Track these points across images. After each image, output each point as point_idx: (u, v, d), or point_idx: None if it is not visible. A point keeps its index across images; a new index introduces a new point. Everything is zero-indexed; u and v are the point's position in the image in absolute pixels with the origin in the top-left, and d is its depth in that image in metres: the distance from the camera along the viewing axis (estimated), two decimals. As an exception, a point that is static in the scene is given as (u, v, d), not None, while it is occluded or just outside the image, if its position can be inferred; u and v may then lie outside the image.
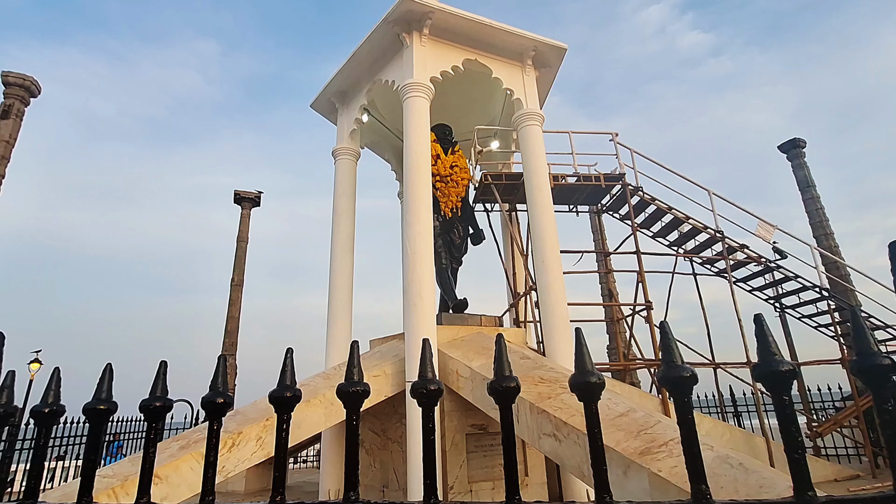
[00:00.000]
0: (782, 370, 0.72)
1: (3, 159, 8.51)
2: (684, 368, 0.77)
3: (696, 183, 8.82)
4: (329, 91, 8.20)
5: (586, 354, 0.84)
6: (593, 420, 0.82)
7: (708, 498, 0.72)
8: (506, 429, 0.85)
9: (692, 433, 0.75)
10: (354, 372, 0.94)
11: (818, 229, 14.01)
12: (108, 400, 1.06)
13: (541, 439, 3.92)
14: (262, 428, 4.37)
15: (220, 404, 0.99)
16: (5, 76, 8.56)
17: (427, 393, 0.90)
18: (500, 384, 0.86)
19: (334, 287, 7.34)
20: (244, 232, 16.59)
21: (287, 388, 0.97)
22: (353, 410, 0.92)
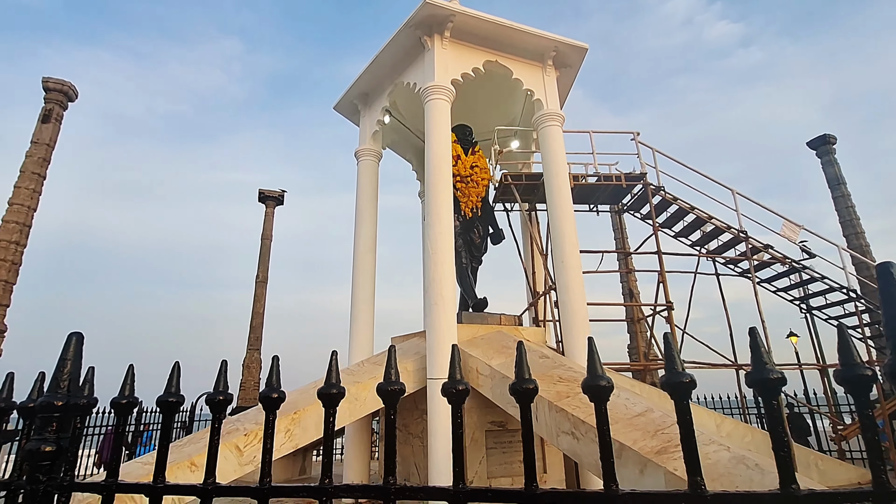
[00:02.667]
0: (772, 378, 0.82)
1: (44, 161, 8.97)
2: (684, 375, 0.88)
3: (720, 182, 8.72)
4: (352, 94, 8.38)
5: (597, 360, 0.96)
6: (603, 419, 0.93)
7: (702, 488, 0.82)
8: (525, 426, 0.96)
9: (690, 431, 0.85)
10: (392, 373, 1.07)
11: (848, 228, 13.63)
12: (178, 393, 1.22)
13: (559, 437, 4.01)
14: (290, 421, 4.57)
15: (275, 399, 1.13)
16: (45, 82, 9.01)
17: (456, 392, 1.02)
18: (520, 385, 0.98)
19: (357, 285, 7.53)
20: (268, 230, 17.01)
21: (333, 386, 1.10)
22: (391, 406, 1.05)
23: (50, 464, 1.22)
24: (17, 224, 8.87)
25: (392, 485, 0.99)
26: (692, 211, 8.65)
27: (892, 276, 0.85)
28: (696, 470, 0.84)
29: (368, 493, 1.03)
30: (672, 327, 7.57)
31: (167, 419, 1.21)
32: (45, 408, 1.25)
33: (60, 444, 1.23)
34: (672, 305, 7.65)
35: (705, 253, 9.00)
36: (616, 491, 0.87)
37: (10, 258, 8.63)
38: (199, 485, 1.12)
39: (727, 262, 9.04)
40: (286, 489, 1.08)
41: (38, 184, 9.03)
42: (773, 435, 0.81)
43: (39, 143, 9.10)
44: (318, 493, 1.01)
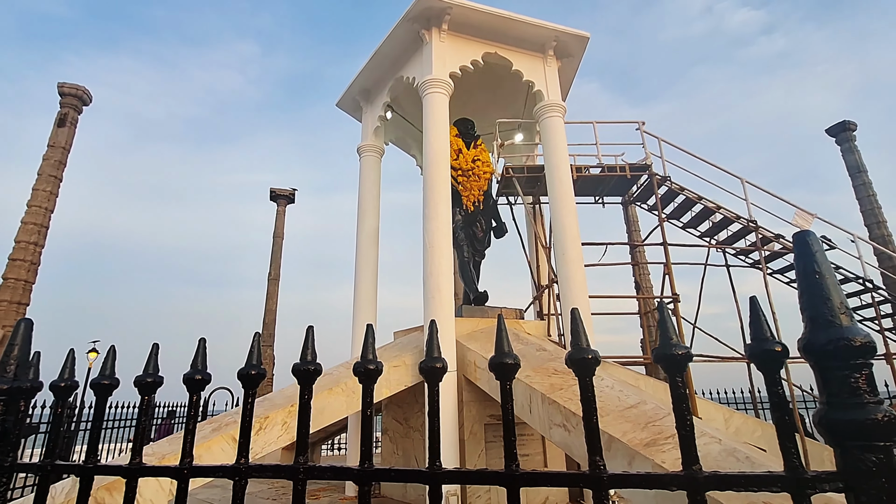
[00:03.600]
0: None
1: (60, 164, 9.23)
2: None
3: (728, 171, 8.51)
4: (353, 90, 8.40)
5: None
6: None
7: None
8: (431, 404, 0.94)
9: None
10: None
11: (870, 217, 13.18)
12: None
13: (551, 429, 3.97)
14: (286, 413, 4.62)
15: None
16: (60, 87, 9.25)
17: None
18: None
19: (359, 280, 7.58)
20: (280, 228, 17.22)
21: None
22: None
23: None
24: (35, 225, 9.14)
25: (302, 464, 0.98)
26: (700, 201, 8.46)
27: (809, 247, 0.80)
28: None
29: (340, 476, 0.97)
30: (678, 320, 7.43)
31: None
32: (-9, 391, 1.27)
33: (5, 425, 1.26)
34: (678, 297, 7.50)
35: (714, 244, 8.80)
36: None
37: (29, 258, 8.90)
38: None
39: (737, 253, 8.83)
40: (322, 470, 0.99)
41: (54, 186, 9.29)
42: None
43: (55, 147, 9.37)
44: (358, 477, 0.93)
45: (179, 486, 1.06)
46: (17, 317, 8.51)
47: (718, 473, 0.77)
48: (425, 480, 0.89)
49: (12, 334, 1.38)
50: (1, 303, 8.43)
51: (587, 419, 0.82)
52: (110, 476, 1.38)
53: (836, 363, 0.72)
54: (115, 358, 1.26)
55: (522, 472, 0.83)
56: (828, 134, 14.66)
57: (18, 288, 8.53)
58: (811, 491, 0.70)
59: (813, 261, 0.77)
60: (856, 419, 0.69)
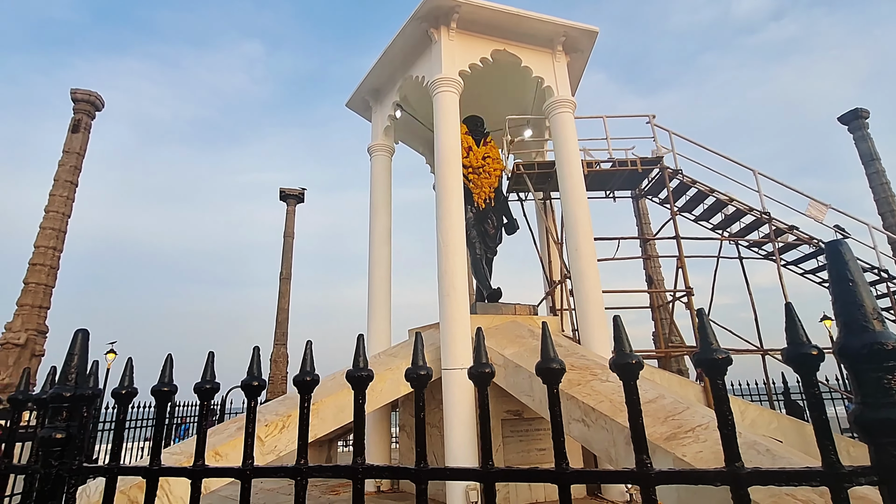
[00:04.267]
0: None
1: (75, 169, 9.41)
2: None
3: (740, 162, 8.46)
4: (363, 90, 8.46)
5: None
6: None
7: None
8: (482, 407, 1.00)
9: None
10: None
11: (883, 206, 13.02)
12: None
13: (570, 424, 4.03)
14: (311, 411, 4.72)
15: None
16: (73, 93, 9.42)
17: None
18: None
19: (373, 278, 7.66)
20: (290, 227, 17.37)
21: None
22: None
23: (61, 450, 1.33)
24: (53, 230, 9.35)
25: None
26: (712, 193, 8.43)
27: (842, 256, 0.85)
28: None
29: (398, 475, 1.06)
30: (692, 313, 7.43)
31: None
32: (55, 399, 1.36)
33: (70, 431, 1.34)
34: (692, 291, 7.50)
35: (727, 236, 8.76)
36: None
37: (48, 263, 9.11)
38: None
39: (750, 245, 8.79)
40: (321, 469, 1.12)
41: (70, 191, 9.48)
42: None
43: (70, 153, 9.55)
44: (352, 473, 1.05)
45: (243, 487, 1.14)
46: (38, 320, 8.73)
47: (760, 469, 0.82)
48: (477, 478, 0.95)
49: (71, 344, 1.47)
50: (23, 307, 8.62)
51: (633, 420, 0.87)
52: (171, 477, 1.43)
53: (869, 366, 0.77)
54: (173, 365, 1.34)
55: (573, 470, 0.89)
56: (840, 122, 14.48)
57: (39, 292, 8.73)
58: (847, 484, 0.75)
59: (846, 269, 0.81)
60: (889, 418, 0.74)
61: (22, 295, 8.63)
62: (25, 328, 8.33)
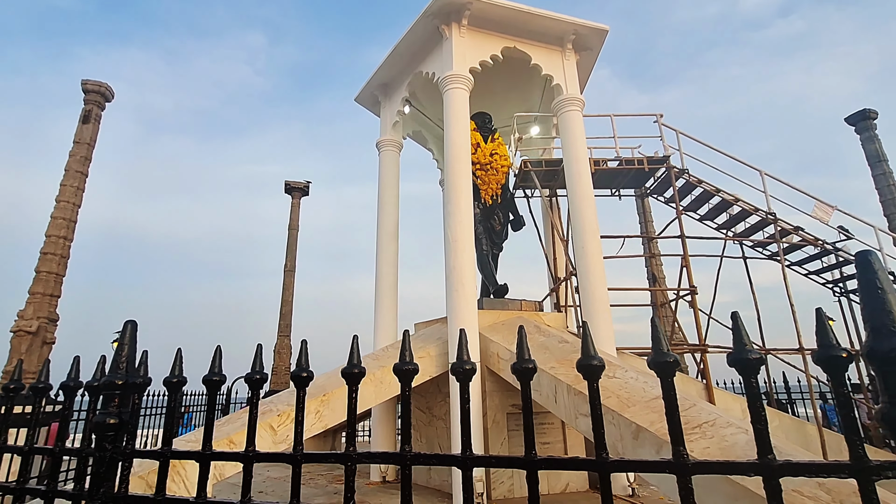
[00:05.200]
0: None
1: (85, 160, 9.45)
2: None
3: (747, 163, 8.50)
4: (372, 85, 8.48)
5: (590, 342, 1.06)
6: (595, 395, 1.01)
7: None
8: (525, 400, 1.07)
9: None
10: (406, 355, 1.19)
11: (890, 207, 13.03)
12: (220, 373, 1.39)
13: (577, 419, 4.11)
14: (319, 402, 4.81)
15: (304, 378, 1.28)
16: (84, 84, 9.45)
17: (463, 371, 1.14)
18: (520, 365, 1.09)
19: (380, 273, 7.73)
20: (294, 220, 17.41)
21: (354, 366, 1.23)
22: (407, 386, 1.17)
23: (114, 434, 1.40)
24: (63, 220, 9.41)
25: (408, 452, 1.12)
26: (718, 193, 8.47)
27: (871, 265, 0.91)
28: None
29: (388, 460, 1.17)
30: (696, 312, 7.51)
31: (212, 395, 1.38)
32: (108, 386, 1.43)
33: (122, 417, 1.41)
34: (696, 290, 7.57)
35: (732, 236, 8.82)
36: (606, 458, 0.97)
37: (59, 252, 9.19)
38: (241, 452, 1.28)
39: (755, 245, 8.85)
40: (316, 455, 1.23)
41: (81, 181, 9.54)
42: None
43: (81, 143, 9.60)
44: (345, 459, 1.16)
45: (245, 469, 1.23)
46: (49, 308, 8.81)
47: (791, 461, 0.89)
48: (522, 465, 1.02)
49: (121, 335, 1.54)
50: (35, 295, 8.70)
51: (670, 414, 0.94)
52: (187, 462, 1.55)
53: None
54: (222, 357, 1.41)
55: (612, 460, 0.95)
56: (847, 122, 14.45)
57: (50, 280, 8.81)
58: (876, 477, 0.82)
59: (875, 277, 0.88)
60: (913, 416, 0.81)
61: (34, 283, 8.71)
62: (37, 316, 8.42)
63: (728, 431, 3.21)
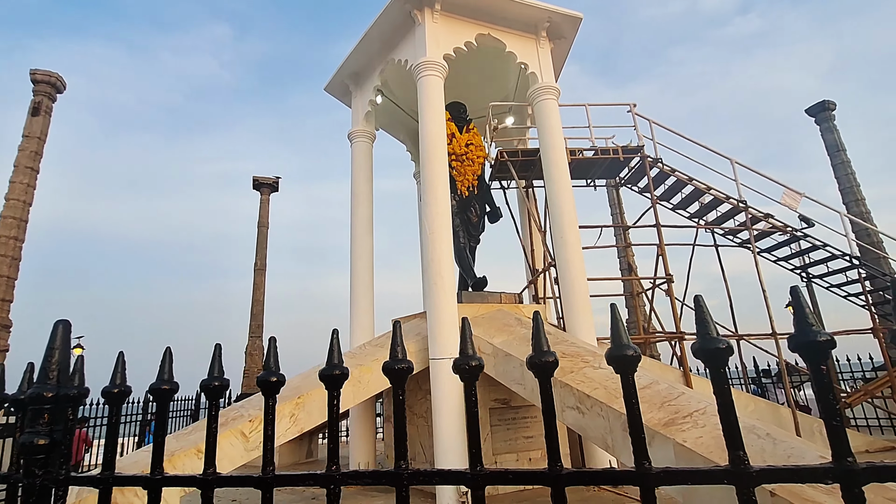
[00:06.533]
0: (820, 340, 0.73)
1: (36, 155, 8.79)
2: (719, 341, 0.80)
3: (718, 152, 8.60)
4: (342, 73, 8.18)
5: (622, 328, 0.87)
6: (630, 390, 0.84)
7: (746, 464, 0.75)
8: (546, 400, 0.89)
9: (728, 402, 0.78)
10: (399, 350, 1.01)
11: (848, 195, 13.55)
12: (171, 381, 1.17)
13: (564, 412, 4.01)
14: (294, 405, 4.56)
15: (273, 383, 1.07)
16: (33, 74, 8.76)
17: (469, 368, 0.96)
18: (539, 359, 0.90)
19: (355, 268, 7.47)
20: (264, 217, 16.86)
21: (335, 367, 1.04)
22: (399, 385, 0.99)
23: (44, 457, 1.16)
24: (14, 219, 8.75)
25: (404, 470, 0.94)
26: (690, 182, 8.56)
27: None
28: (737, 445, 0.78)
29: (379, 480, 0.98)
30: (672, 300, 7.56)
31: (162, 407, 1.17)
32: (35, 399, 1.19)
33: (54, 436, 1.18)
34: (672, 278, 7.62)
35: (704, 224, 8.94)
36: (649, 468, 0.80)
37: (10, 254, 8.53)
38: (199, 475, 1.07)
39: (726, 233, 9.00)
40: (291, 478, 1.02)
41: (31, 178, 8.87)
42: (822, 404, 0.73)
43: (30, 137, 8.92)
44: (326, 481, 0.96)
45: (264, 496, 1.01)
46: (1, 314, 8.17)
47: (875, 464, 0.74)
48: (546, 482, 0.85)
49: (51, 337, 1.29)
50: (-19, 300, 8.07)
51: (722, 408, 0.79)
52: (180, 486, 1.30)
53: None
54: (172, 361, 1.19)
55: (658, 470, 0.80)
56: (807, 114, 14.95)
57: (1, 284, 8.18)
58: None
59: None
60: None
61: (-20, 288, 8.05)
62: (-15, 322, 7.79)
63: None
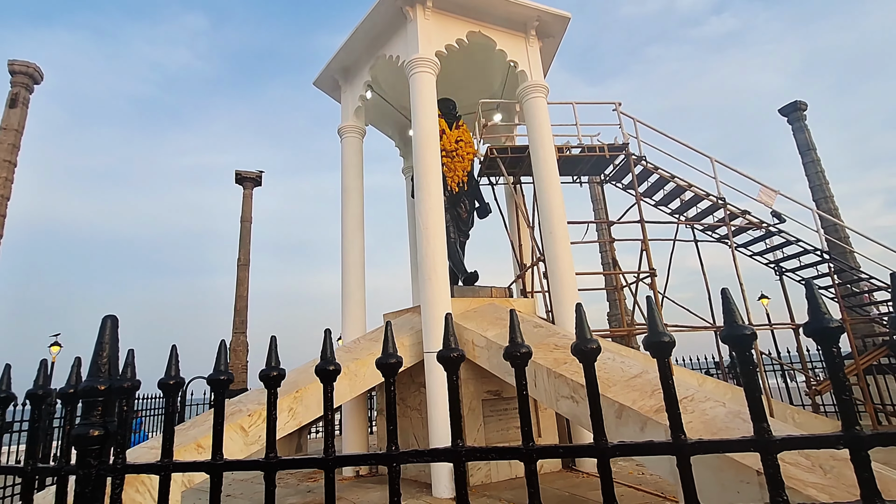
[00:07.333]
0: (831, 326, 0.86)
1: (14, 147, 8.48)
2: (745, 328, 0.91)
3: (699, 150, 8.89)
4: (332, 68, 8.14)
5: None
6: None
7: (770, 434, 0.87)
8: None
9: (754, 382, 0.89)
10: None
11: (818, 192, 14.14)
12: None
13: (558, 401, 4.16)
14: (292, 399, 4.60)
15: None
16: (11, 65, 8.43)
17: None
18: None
19: (347, 264, 7.49)
20: (247, 212, 16.64)
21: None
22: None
23: (99, 447, 1.22)
24: (-12, 214, 8.44)
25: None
26: (672, 180, 8.82)
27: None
28: (761, 416, 0.90)
29: (368, 461, 1.09)
30: (655, 293, 7.82)
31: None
32: (88, 392, 1.24)
33: (108, 427, 1.23)
34: (655, 272, 7.87)
35: (685, 220, 9.23)
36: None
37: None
38: (208, 461, 1.16)
39: (705, 229, 9.31)
40: (291, 461, 1.12)
41: (9, 171, 8.54)
42: (834, 381, 0.85)
43: (8, 129, 8.57)
44: (322, 464, 1.06)
45: (268, 478, 1.11)
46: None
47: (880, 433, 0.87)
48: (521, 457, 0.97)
49: (99, 333, 1.34)
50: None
51: (748, 386, 0.90)
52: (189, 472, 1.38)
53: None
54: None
55: (692, 441, 0.91)
56: (780, 114, 15.50)
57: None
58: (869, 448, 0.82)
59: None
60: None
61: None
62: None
63: (707, 405, 3.34)
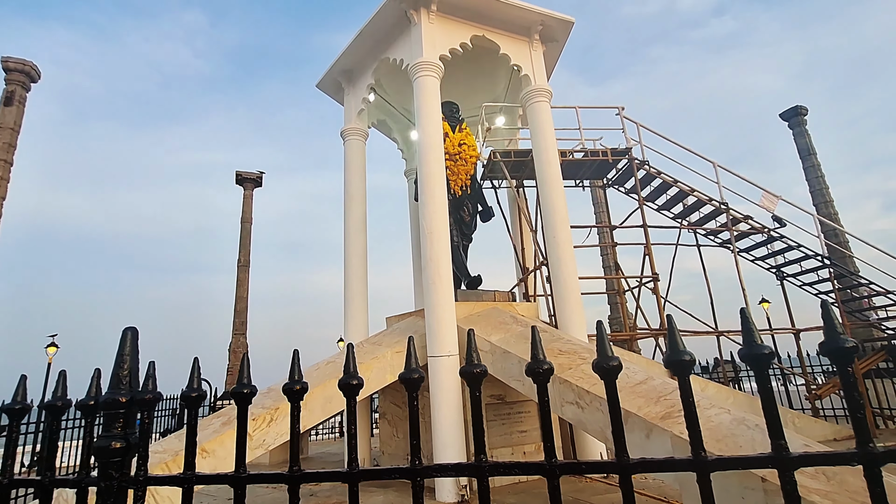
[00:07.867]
0: (847, 346, 0.86)
1: (10, 147, 8.48)
2: (763, 347, 0.93)
3: (701, 155, 8.90)
4: (335, 71, 8.16)
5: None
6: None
7: (787, 451, 0.88)
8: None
9: (771, 399, 0.91)
10: (476, 356, 1.10)
11: (818, 197, 14.16)
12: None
13: (563, 407, 4.16)
14: (297, 404, 4.60)
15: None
16: (5, 62, 8.43)
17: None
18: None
19: (349, 266, 7.50)
20: (248, 212, 16.64)
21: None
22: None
23: (121, 459, 1.23)
24: (-15, 214, 8.43)
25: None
26: (675, 184, 8.84)
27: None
28: (778, 434, 0.91)
29: (392, 475, 1.07)
30: (658, 298, 7.84)
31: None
32: (110, 404, 1.25)
33: (129, 439, 1.24)
34: (658, 277, 7.89)
35: (687, 225, 9.25)
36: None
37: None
38: (178, 475, 1.19)
39: (708, 234, 9.33)
40: (262, 476, 1.15)
41: (5, 171, 8.55)
42: (848, 399, 0.87)
43: (3, 128, 8.58)
44: (347, 478, 1.07)
45: (237, 494, 1.13)
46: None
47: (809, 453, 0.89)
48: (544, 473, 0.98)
49: (120, 345, 1.34)
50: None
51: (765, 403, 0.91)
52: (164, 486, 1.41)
53: None
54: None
55: (713, 458, 0.92)
56: (781, 118, 15.52)
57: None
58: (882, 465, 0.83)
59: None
60: None
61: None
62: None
63: (712, 412, 3.35)
